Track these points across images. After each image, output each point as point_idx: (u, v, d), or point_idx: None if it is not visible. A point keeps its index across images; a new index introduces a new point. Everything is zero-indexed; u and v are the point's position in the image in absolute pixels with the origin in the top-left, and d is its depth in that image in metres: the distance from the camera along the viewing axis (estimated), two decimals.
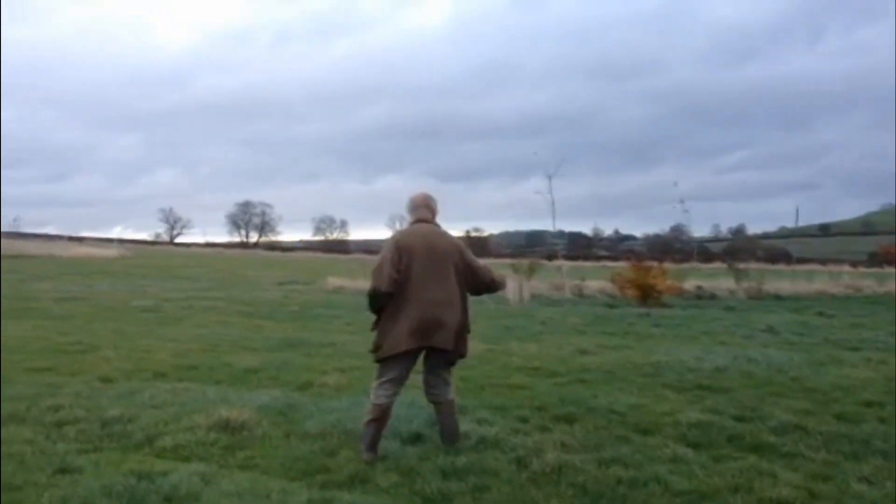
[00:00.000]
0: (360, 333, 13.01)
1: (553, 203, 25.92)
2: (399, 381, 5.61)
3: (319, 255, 78.84)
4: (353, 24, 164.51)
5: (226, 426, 6.13)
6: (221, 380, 8.40)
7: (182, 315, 15.60)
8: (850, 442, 6.00)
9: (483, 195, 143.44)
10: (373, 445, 5.49)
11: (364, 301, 5.95)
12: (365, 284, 23.79)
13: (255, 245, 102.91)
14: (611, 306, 20.22)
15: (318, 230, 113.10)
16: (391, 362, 5.55)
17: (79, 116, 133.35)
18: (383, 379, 5.58)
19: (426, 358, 5.71)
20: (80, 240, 72.50)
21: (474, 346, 10.88)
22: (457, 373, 8.59)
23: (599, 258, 68.72)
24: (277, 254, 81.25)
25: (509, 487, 4.87)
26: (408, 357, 5.57)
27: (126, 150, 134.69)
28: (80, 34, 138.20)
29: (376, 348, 5.59)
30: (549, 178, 25.66)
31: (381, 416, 5.54)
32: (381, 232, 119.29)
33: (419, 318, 5.47)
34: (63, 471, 5.03)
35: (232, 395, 7.47)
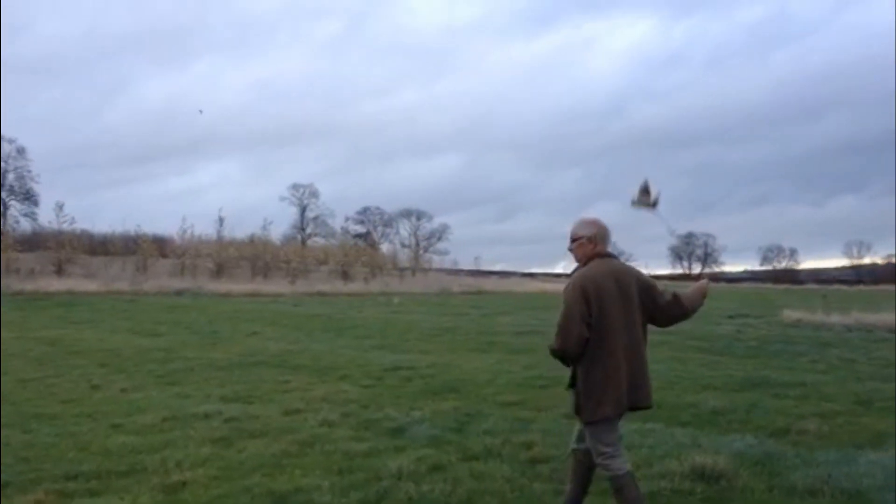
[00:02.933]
0: (831, 373, 11.91)
1: None
2: (621, 440, 4.75)
3: (767, 285, 75.25)
4: (792, 33, 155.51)
5: (702, 474, 5.77)
6: (687, 421, 8.05)
7: None
8: None
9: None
10: None
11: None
12: (825, 317, 21.90)
13: (699, 276, 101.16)
14: None
15: (764, 259, 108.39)
16: (612, 424, 4.61)
17: (520, 156, 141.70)
18: (608, 446, 4.59)
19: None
20: (532, 275, 76.86)
21: None
22: None
23: None
24: (722, 285, 79.10)
25: None
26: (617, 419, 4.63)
27: (566, 186, 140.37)
28: (513, 77, 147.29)
29: (579, 410, 4.62)
30: None
31: (634, 485, 4.61)
32: (835, 260, 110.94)
33: (615, 378, 4.51)
34: None
35: (702, 438, 7.07)
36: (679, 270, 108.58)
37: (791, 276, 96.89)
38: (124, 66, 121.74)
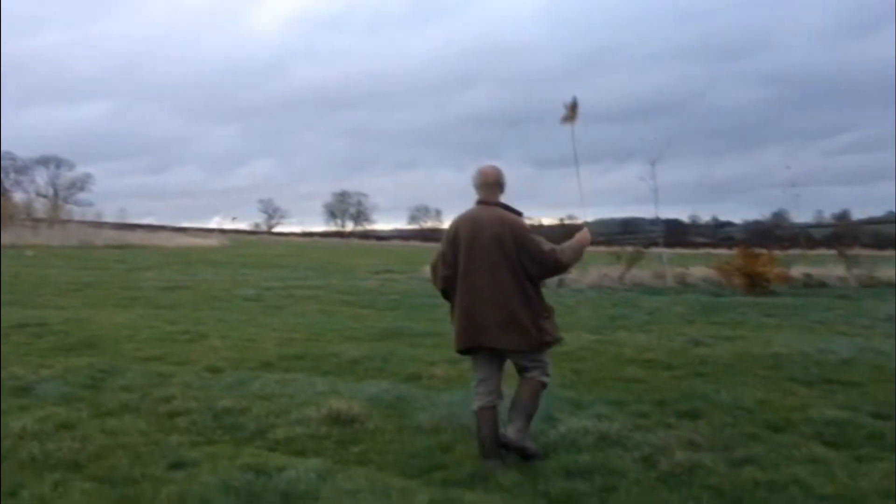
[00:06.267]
0: None
1: (656, 189, 25.02)
2: (489, 381, 5.15)
3: (414, 243, 78.97)
4: (446, 9, 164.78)
5: (337, 419, 6.03)
6: (328, 370, 8.32)
7: (283, 304, 15.69)
8: None
9: (581, 182, 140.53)
10: (487, 452, 5.04)
11: None
12: None
13: (351, 234, 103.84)
14: (717, 295, 19.54)
15: (412, 219, 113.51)
16: (475, 359, 5.19)
17: (176, 108, 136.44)
18: (473, 379, 5.24)
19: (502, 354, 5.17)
20: (184, 230, 74.37)
21: (580, 336, 10.70)
22: (569, 365, 8.41)
23: (698, 245, 67.12)
24: (372, 242, 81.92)
25: (639, 489, 4.58)
26: (484, 353, 5.13)
27: (223, 141, 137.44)
28: (174, 26, 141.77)
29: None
30: (653, 163, 24.71)
31: (483, 423, 5.08)
32: None
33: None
34: (178, 465, 4.97)
35: (340, 386, 7.37)
36: (333, 228, 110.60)
37: (436, 235, 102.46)
38: None
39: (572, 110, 5.62)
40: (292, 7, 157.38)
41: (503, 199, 5.31)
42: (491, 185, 5.24)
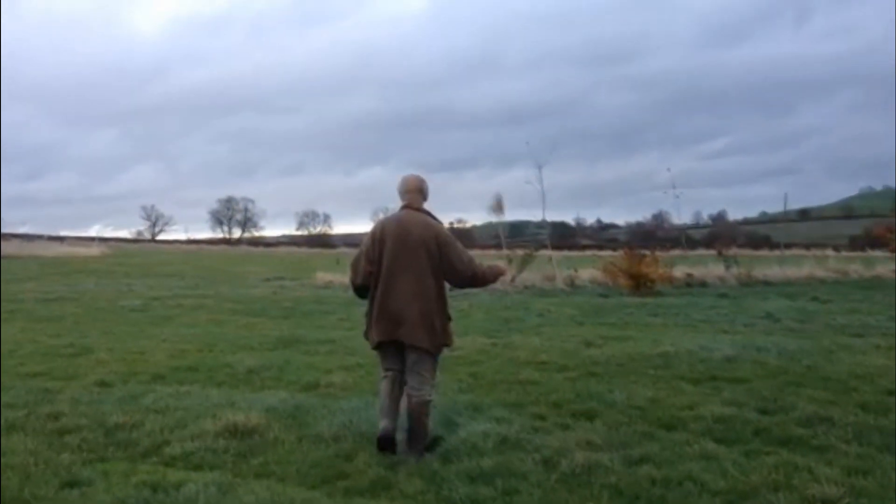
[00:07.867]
0: (356, 329, 12.73)
1: (543, 193, 25.45)
2: (394, 373, 5.52)
3: (304, 249, 78.14)
4: (329, 13, 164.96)
5: (235, 431, 5.91)
6: (223, 381, 8.17)
7: (172, 314, 15.30)
8: (881, 433, 5.84)
9: (467, 185, 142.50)
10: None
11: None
12: (343, 278, 23.43)
13: (239, 241, 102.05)
14: (605, 296, 20.08)
15: (301, 224, 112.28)
16: (381, 353, 5.56)
17: (52, 112, 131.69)
18: (381, 371, 5.64)
19: (405, 351, 5.45)
20: (61, 239, 71.59)
21: (476, 340, 10.83)
22: (465, 369, 8.50)
23: (584, 247, 68.65)
24: (261, 249, 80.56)
25: (540, 491, 4.68)
26: (392, 349, 5.48)
27: (102, 146, 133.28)
28: (49, 26, 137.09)
29: (366, 335, 5.68)
30: (540, 167, 25.10)
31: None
32: (364, 225, 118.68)
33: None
34: (71, 484, 4.80)
35: (237, 397, 7.25)
36: (220, 235, 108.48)
37: (325, 241, 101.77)
38: None
39: (498, 205, 6.20)
40: (173, 9, 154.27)
41: (426, 206, 5.71)
42: (414, 191, 5.64)
